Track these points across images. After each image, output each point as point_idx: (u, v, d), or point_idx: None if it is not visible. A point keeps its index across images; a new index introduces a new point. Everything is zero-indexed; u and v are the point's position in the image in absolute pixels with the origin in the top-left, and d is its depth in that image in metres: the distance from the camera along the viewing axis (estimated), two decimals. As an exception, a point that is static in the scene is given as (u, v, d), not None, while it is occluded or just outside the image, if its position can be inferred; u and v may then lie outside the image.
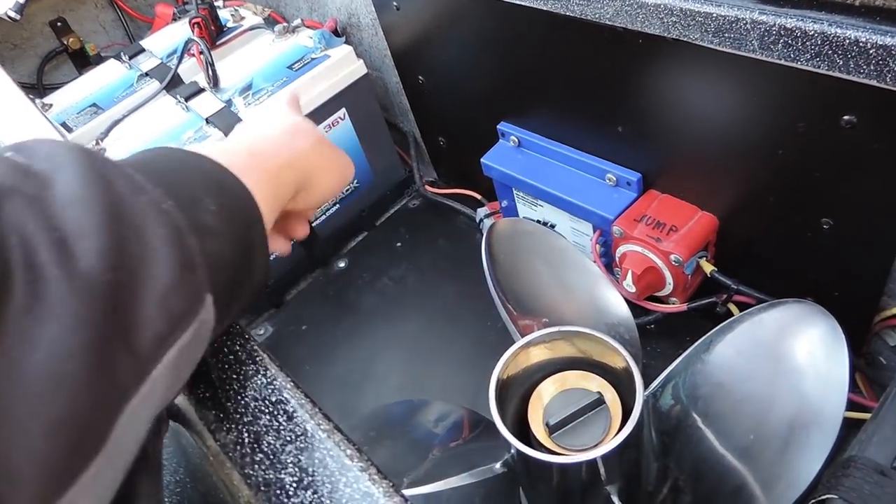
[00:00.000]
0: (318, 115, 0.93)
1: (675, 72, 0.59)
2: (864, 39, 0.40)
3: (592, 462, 0.52)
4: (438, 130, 1.00)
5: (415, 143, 1.08)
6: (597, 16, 0.54)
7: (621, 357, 0.54)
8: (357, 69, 0.96)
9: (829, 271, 0.61)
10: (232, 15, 1.09)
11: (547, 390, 0.60)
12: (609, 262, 0.77)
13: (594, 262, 0.75)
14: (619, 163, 0.72)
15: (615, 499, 0.55)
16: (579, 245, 0.82)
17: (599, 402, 0.57)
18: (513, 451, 0.55)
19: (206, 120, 0.86)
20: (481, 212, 0.96)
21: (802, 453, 0.53)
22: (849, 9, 0.41)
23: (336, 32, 1.03)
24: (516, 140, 0.82)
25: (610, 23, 0.53)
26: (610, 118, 0.69)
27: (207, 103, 0.89)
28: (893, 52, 0.39)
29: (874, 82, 0.42)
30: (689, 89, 0.59)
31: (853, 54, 0.41)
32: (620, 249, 0.71)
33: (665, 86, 0.61)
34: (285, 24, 1.02)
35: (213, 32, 1.01)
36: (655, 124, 0.65)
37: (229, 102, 0.90)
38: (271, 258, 0.39)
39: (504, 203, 0.89)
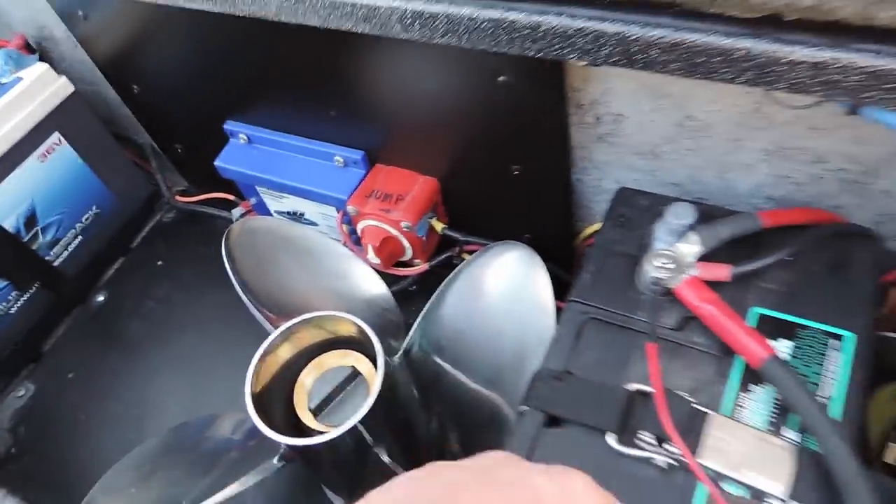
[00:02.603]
0: (25, 146, 0.84)
1: (364, 56, 0.62)
2: (475, 15, 0.45)
3: (355, 430, 0.55)
4: (172, 138, 0.96)
5: (155, 155, 1.03)
6: (263, 13, 0.55)
7: (356, 326, 0.58)
8: (62, 87, 0.87)
9: (530, 211, 0.70)
10: None
11: (308, 377, 0.62)
12: (359, 240, 0.81)
13: (344, 243, 0.78)
14: (343, 144, 0.75)
15: (385, 458, 0.59)
16: (332, 228, 0.84)
17: (355, 374, 0.61)
18: (283, 446, 0.57)
19: None
20: (236, 212, 0.95)
21: (531, 371, 0.61)
22: (461, -11, 0.46)
23: (31, 49, 0.94)
24: (245, 137, 0.81)
25: (276, 19, 0.54)
26: (322, 104, 0.71)
27: None
28: (501, 24, 0.45)
29: (497, 50, 0.48)
30: (382, 71, 0.63)
31: (472, 29, 0.47)
32: (359, 226, 0.75)
33: (359, 69, 0.64)
34: (-37, 48, 0.90)
35: None
36: (363, 105, 0.69)
37: None
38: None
39: (253, 200, 0.89)
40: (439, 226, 0.74)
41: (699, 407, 0.42)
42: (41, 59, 0.90)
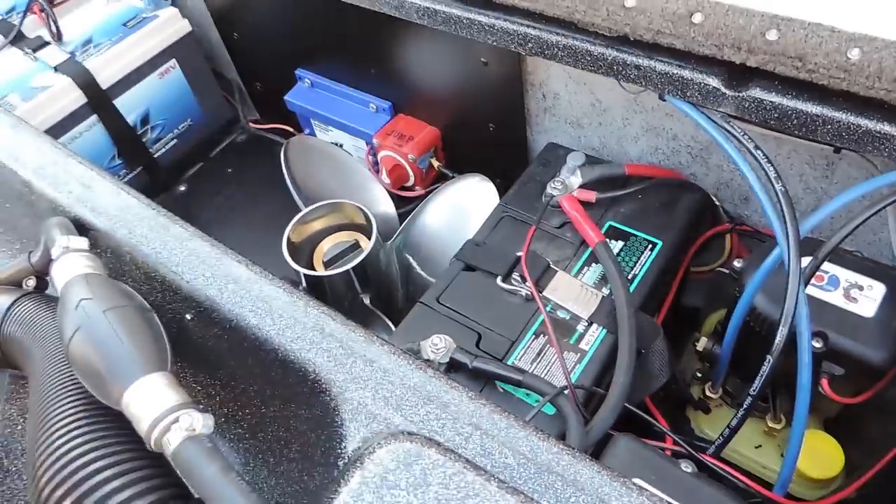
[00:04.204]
0: (151, 65, 1.15)
1: (397, 34, 0.91)
2: (459, 14, 0.73)
3: (347, 274, 0.84)
4: (254, 77, 1.26)
5: (238, 89, 1.33)
6: (360, 2, 0.82)
7: (363, 213, 0.87)
8: (182, 27, 1.18)
9: (501, 159, 0.97)
10: (66, -22, 1.26)
11: (326, 244, 0.92)
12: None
13: (368, 168, 1.07)
14: (377, 95, 1.04)
15: (367, 301, 0.88)
16: (361, 160, 1.13)
17: (356, 246, 0.90)
18: (303, 279, 0.86)
19: (55, 68, 1.06)
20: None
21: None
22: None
23: (164, -4, 1.25)
24: (309, 82, 1.11)
25: (370, 7, 0.82)
26: (365, 64, 1.00)
27: (54, 54, 1.08)
28: (473, 22, 0.72)
29: (473, 38, 0.75)
30: (408, 46, 0.92)
31: (457, 22, 0.74)
32: (379, 155, 1.03)
33: (392, 42, 0.93)
34: (117, -13, 1.21)
35: (52, -7, 1.19)
36: (393, 68, 0.98)
37: (73, 53, 1.10)
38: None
39: (307, 131, 1.18)
40: (436, 163, 1.02)
41: (552, 266, 0.69)
42: (172, 4, 1.21)
